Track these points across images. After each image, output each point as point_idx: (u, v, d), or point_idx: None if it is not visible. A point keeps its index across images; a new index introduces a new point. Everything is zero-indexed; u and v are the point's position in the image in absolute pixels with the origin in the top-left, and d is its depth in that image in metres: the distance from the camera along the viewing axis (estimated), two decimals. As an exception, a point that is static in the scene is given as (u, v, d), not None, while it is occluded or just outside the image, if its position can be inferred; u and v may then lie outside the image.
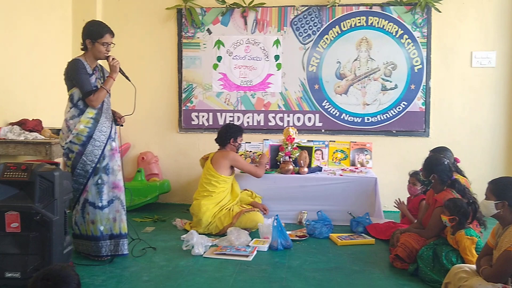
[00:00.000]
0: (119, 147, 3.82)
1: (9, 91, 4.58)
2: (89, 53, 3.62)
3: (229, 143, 4.76)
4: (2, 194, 3.04)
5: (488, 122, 5.50)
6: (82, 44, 3.63)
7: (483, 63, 5.45)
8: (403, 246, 3.56)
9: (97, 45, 3.56)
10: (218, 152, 4.76)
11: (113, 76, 3.63)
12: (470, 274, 2.76)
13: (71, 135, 3.55)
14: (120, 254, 3.70)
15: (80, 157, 3.55)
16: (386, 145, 5.60)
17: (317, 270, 3.54)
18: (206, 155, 4.88)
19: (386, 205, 5.14)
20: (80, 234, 3.67)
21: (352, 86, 5.61)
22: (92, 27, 3.61)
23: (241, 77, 5.74)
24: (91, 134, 3.57)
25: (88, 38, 3.58)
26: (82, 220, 3.63)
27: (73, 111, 3.59)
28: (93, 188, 3.60)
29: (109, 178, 3.65)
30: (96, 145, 3.58)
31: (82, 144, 3.55)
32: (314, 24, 5.59)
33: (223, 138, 4.77)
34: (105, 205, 3.63)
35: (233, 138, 4.76)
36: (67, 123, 3.60)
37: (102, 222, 3.61)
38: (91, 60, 3.63)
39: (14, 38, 4.64)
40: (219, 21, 5.71)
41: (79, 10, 5.64)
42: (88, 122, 3.57)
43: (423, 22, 5.45)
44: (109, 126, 3.69)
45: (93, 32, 3.57)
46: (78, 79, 3.53)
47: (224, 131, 4.79)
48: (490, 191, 2.77)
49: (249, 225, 4.45)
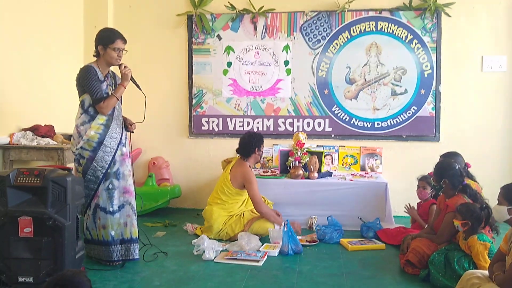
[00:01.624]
0: (130, 152, 3.84)
1: (22, 97, 4.64)
2: (102, 60, 3.64)
3: (254, 152, 4.62)
4: (15, 199, 3.07)
5: (499, 127, 5.46)
6: (95, 51, 3.66)
7: (493, 68, 5.41)
8: (414, 251, 3.53)
9: (108, 50, 3.58)
10: (239, 165, 4.58)
11: (124, 84, 3.66)
12: (482, 280, 2.73)
13: (81, 141, 3.58)
14: (131, 259, 3.71)
15: (90, 163, 3.58)
16: (396, 150, 5.58)
17: (327, 275, 3.53)
18: (230, 159, 4.80)
19: (396, 210, 5.10)
20: (92, 239, 3.69)
21: (362, 91, 5.61)
22: (103, 33, 3.65)
23: (251, 82, 5.76)
24: (102, 140, 3.58)
25: (100, 44, 3.61)
26: (94, 225, 3.65)
27: (83, 117, 3.61)
28: (104, 193, 3.62)
29: (120, 183, 3.67)
30: (107, 151, 3.60)
31: (92, 150, 3.57)
32: (323, 29, 5.60)
33: (247, 148, 4.60)
34: (116, 210, 3.64)
35: (257, 147, 4.62)
36: (78, 129, 3.62)
37: (113, 227, 3.63)
38: (103, 66, 3.66)
39: (27, 45, 4.70)
40: (229, 27, 5.74)
41: (91, 17, 5.71)
42: (99, 128, 3.59)
43: (433, 26, 5.43)
44: (119, 132, 3.70)
45: (104, 38, 3.60)
46: (89, 86, 3.55)
47: (248, 140, 4.61)
48: (502, 196, 2.76)
49: (261, 231, 4.42)
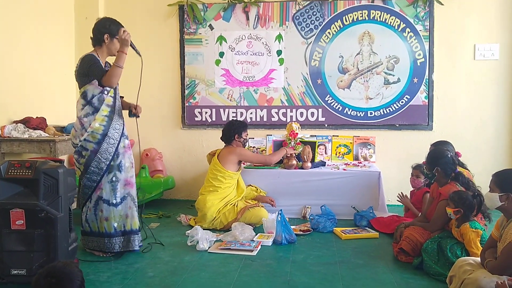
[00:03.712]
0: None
1: (13, 89, 4.60)
2: (103, 48, 3.65)
3: (234, 139, 4.73)
4: (6, 192, 3.05)
5: (492, 115, 5.48)
6: (95, 39, 3.64)
7: (486, 56, 5.42)
8: (408, 239, 3.55)
9: (115, 40, 3.61)
10: (225, 148, 4.75)
11: (124, 50, 3.54)
12: (474, 267, 2.77)
13: (85, 133, 3.56)
14: (132, 250, 3.74)
15: (94, 155, 3.57)
16: (389, 139, 5.59)
17: (321, 264, 3.54)
18: (213, 151, 4.87)
19: (390, 199, 5.13)
20: (91, 231, 3.69)
21: (354, 80, 5.60)
22: (111, 23, 3.64)
23: (243, 72, 5.74)
24: (106, 132, 3.59)
25: (107, 33, 3.60)
26: (94, 218, 3.65)
27: (87, 109, 3.58)
28: (108, 186, 3.63)
29: (122, 175, 3.68)
30: (111, 142, 3.61)
31: (97, 142, 3.57)
32: (316, 19, 5.58)
33: (228, 136, 4.75)
34: (119, 202, 3.67)
35: (237, 134, 4.73)
36: (81, 120, 3.58)
37: (115, 219, 3.65)
38: (103, 55, 3.67)
39: (17, 37, 4.65)
40: (221, 17, 5.71)
41: (82, 8, 5.66)
42: (103, 120, 3.59)
43: (425, 15, 5.43)
44: (121, 124, 3.72)
45: (112, 28, 3.61)
46: (94, 68, 3.52)
47: (228, 128, 4.77)
48: (494, 183, 2.77)
49: (254, 220, 4.47)
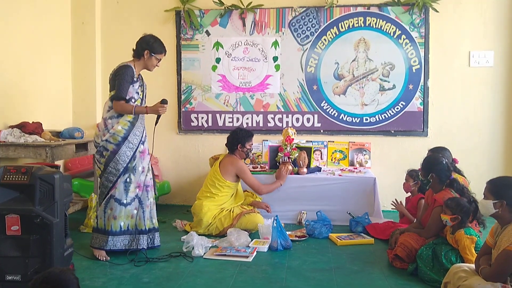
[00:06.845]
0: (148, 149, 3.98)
1: (9, 94, 4.59)
2: (141, 62, 3.86)
3: (237, 148, 4.66)
4: (2, 197, 3.03)
5: (487, 122, 5.51)
6: (136, 52, 3.83)
7: (481, 63, 5.46)
8: (403, 245, 3.56)
9: (153, 58, 3.84)
10: (228, 157, 4.66)
11: (148, 111, 3.81)
12: (469, 274, 2.77)
13: (107, 134, 3.74)
14: (137, 248, 3.83)
15: (114, 156, 3.74)
16: (384, 145, 5.61)
17: (316, 270, 3.55)
18: (217, 156, 4.84)
19: (385, 205, 5.14)
20: (97, 228, 3.82)
21: (350, 87, 5.62)
22: (155, 41, 3.84)
23: (240, 78, 5.75)
24: (126, 136, 3.77)
25: (147, 49, 3.80)
26: (103, 214, 3.79)
27: (112, 112, 3.78)
28: (122, 186, 3.78)
29: (135, 177, 3.82)
30: (129, 146, 3.78)
31: (117, 144, 3.74)
32: (312, 25, 5.61)
33: (231, 144, 4.68)
34: (129, 202, 3.81)
35: (240, 143, 4.64)
36: (106, 121, 3.79)
37: (123, 219, 3.79)
38: (139, 68, 3.88)
39: (14, 41, 4.66)
40: (218, 23, 5.72)
41: (78, 12, 5.68)
42: (126, 124, 3.78)
43: (421, 22, 5.46)
44: (142, 130, 3.91)
45: (155, 47, 3.83)
46: (120, 83, 3.71)
47: (232, 136, 4.69)
48: (488, 190, 2.78)
49: (249, 226, 4.46)
